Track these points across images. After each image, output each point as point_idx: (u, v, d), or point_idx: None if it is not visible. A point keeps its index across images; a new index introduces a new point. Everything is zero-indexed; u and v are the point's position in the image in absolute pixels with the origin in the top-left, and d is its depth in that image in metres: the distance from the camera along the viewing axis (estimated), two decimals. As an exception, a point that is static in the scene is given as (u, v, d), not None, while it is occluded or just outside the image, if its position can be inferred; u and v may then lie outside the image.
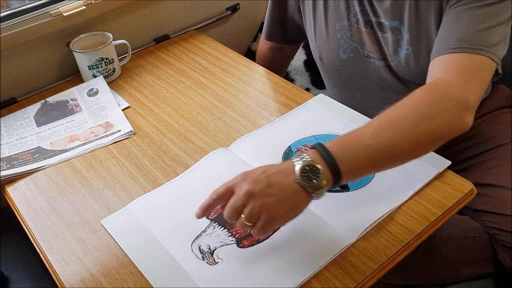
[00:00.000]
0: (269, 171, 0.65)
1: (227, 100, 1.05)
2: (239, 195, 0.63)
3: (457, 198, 0.77)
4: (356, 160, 0.65)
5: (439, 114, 0.69)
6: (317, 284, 0.67)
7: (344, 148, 0.65)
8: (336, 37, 1.00)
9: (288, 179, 0.64)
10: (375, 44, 0.96)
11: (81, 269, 0.73)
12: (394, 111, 0.69)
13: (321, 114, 0.96)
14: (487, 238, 0.93)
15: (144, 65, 1.22)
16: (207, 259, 0.71)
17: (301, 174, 0.63)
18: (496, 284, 0.95)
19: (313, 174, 0.63)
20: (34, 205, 0.85)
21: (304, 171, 0.63)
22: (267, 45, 1.25)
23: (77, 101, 1.10)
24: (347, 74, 1.03)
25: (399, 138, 0.67)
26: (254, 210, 0.62)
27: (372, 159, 0.66)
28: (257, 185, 0.63)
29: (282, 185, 0.63)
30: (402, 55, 0.93)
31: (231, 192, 0.65)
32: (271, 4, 1.15)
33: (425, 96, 0.71)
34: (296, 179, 0.63)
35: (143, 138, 0.98)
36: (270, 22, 1.17)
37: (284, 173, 0.64)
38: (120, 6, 1.21)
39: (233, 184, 0.65)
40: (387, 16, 0.92)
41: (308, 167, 0.63)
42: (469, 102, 0.71)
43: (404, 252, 0.71)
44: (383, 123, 0.68)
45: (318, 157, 0.64)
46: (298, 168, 0.63)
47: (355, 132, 0.67)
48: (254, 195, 0.63)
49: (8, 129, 1.04)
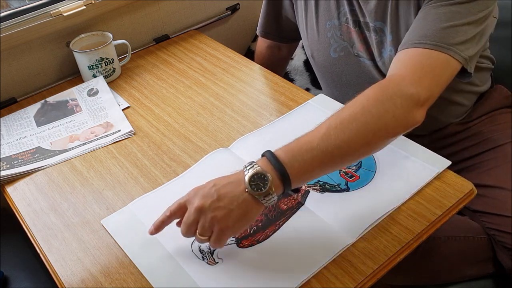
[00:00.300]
0: (219, 183, 0.66)
1: (227, 100, 1.05)
2: (190, 211, 0.66)
3: (457, 198, 0.77)
4: (304, 164, 0.66)
5: (387, 111, 0.69)
6: (317, 284, 0.67)
7: (293, 153, 0.66)
8: (326, 36, 1.01)
9: (238, 190, 0.65)
10: (363, 44, 0.97)
11: (81, 269, 0.73)
12: (344, 111, 0.70)
13: (321, 114, 0.96)
14: (487, 239, 0.93)
15: (144, 65, 1.22)
16: (207, 259, 0.71)
17: (250, 183, 0.64)
18: (496, 284, 0.95)
19: (261, 182, 0.64)
20: (34, 205, 0.85)
21: (253, 179, 0.64)
22: (265, 44, 1.25)
23: (77, 101, 1.10)
24: (338, 73, 1.03)
25: (348, 138, 0.67)
26: (205, 225, 0.65)
27: (321, 162, 0.67)
28: (207, 199, 0.65)
29: (231, 196, 0.65)
30: (386, 55, 0.93)
31: (184, 208, 0.68)
32: (265, 2, 1.15)
33: (376, 94, 0.71)
34: (245, 189, 0.64)
35: (143, 138, 0.98)
36: (265, 20, 1.18)
37: (234, 183, 0.66)
38: (120, 6, 1.21)
39: (185, 200, 0.68)
40: (371, 17, 0.92)
41: (256, 175, 0.64)
42: (420, 98, 0.71)
43: (404, 252, 0.71)
44: (333, 124, 0.68)
45: (266, 164, 0.66)
46: (247, 178, 0.65)
47: (305, 136, 0.68)
48: (204, 210, 0.65)
49: (8, 129, 1.04)
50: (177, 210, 0.68)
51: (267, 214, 0.77)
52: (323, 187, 0.80)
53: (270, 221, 0.76)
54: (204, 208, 0.65)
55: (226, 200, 0.65)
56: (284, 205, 0.78)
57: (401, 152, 0.85)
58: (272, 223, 0.75)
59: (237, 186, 0.65)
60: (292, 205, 0.78)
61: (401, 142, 0.87)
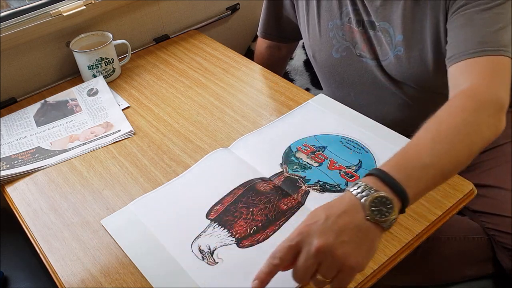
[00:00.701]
0: (332, 214, 0.57)
1: (227, 100, 1.05)
2: (309, 253, 0.56)
3: (457, 198, 0.77)
4: (419, 182, 0.60)
5: (483, 120, 0.68)
6: (317, 284, 0.67)
7: (406, 171, 0.60)
8: (328, 36, 1.01)
9: (357, 218, 0.57)
10: (366, 43, 0.97)
11: (81, 269, 0.73)
12: (441, 123, 0.67)
13: (321, 114, 0.97)
14: (487, 239, 0.93)
15: (144, 65, 1.22)
16: (207, 259, 0.71)
17: (371, 210, 0.57)
18: (495, 284, 0.96)
19: (384, 207, 0.57)
20: (34, 205, 0.85)
21: (374, 204, 0.57)
22: (264, 44, 1.25)
23: (77, 101, 1.10)
24: (340, 73, 1.03)
25: (456, 152, 0.64)
26: (332, 266, 0.55)
27: (434, 178, 0.62)
28: (328, 236, 0.55)
29: (353, 228, 0.56)
30: (393, 55, 0.93)
31: (296, 251, 0.57)
32: (266, 2, 1.15)
33: (467, 103, 0.70)
34: (366, 216, 0.57)
35: (143, 138, 0.98)
36: (266, 20, 1.18)
37: (350, 212, 0.57)
38: (120, 6, 1.21)
39: (297, 242, 0.57)
40: (377, 16, 0.92)
41: (377, 200, 0.57)
42: (505, 104, 0.71)
43: (404, 252, 0.71)
44: (436, 137, 0.65)
45: (381, 185, 0.59)
46: (368, 203, 0.57)
47: (408, 151, 0.64)
48: (328, 249, 0.55)
49: (8, 129, 1.04)
50: (288, 255, 0.58)
51: (267, 214, 0.77)
52: (323, 187, 0.80)
53: (270, 221, 0.76)
54: (328, 247, 0.55)
55: (348, 232, 0.56)
56: (284, 205, 0.78)
57: (401, 152, 0.85)
58: (272, 223, 0.75)
59: (355, 215, 0.57)
60: (292, 205, 0.78)
61: (401, 142, 0.87)
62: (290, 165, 0.85)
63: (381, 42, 0.94)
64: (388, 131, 0.90)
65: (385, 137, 0.89)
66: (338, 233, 0.55)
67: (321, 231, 0.56)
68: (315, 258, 0.55)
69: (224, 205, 0.79)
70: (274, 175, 0.83)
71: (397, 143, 0.87)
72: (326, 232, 0.56)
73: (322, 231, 0.56)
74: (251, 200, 0.79)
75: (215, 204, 0.79)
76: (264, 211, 0.77)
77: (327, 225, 0.56)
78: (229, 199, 0.80)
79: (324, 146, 0.88)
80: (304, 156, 0.87)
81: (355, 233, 0.56)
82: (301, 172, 0.83)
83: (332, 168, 0.84)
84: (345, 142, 0.89)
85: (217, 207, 0.79)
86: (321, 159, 0.86)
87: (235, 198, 0.80)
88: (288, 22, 1.15)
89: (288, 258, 0.57)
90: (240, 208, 0.78)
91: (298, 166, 0.85)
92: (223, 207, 0.79)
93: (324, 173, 0.83)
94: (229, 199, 0.80)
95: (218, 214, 0.78)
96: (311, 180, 0.82)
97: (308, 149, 0.88)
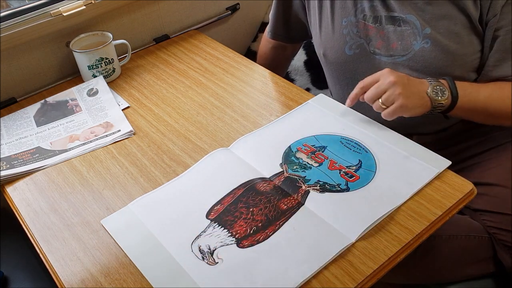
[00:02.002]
0: (410, 77, 0.87)
1: (227, 100, 1.05)
2: (384, 82, 0.84)
3: (457, 198, 0.77)
4: (469, 102, 0.88)
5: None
6: (317, 284, 0.67)
7: (465, 91, 0.88)
8: (342, 33, 1.00)
9: (423, 87, 0.86)
10: (383, 40, 0.96)
11: (81, 269, 0.73)
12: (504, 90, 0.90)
13: (321, 114, 0.96)
14: (487, 238, 0.93)
15: (144, 65, 1.22)
16: (207, 259, 0.71)
17: (433, 89, 0.86)
18: (496, 283, 0.95)
19: (441, 93, 0.86)
20: (34, 205, 0.85)
21: (435, 88, 0.86)
22: (269, 44, 1.25)
23: (77, 101, 1.10)
24: (351, 70, 1.03)
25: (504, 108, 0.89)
26: (391, 96, 0.83)
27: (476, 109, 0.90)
28: (400, 79, 0.84)
29: (417, 87, 0.86)
30: (418, 48, 0.93)
31: (375, 81, 0.86)
32: (276, 3, 1.15)
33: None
34: (427, 91, 0.86)
35: (143, 138, 0.98)
36: (275, 21, 1.18)
37: (421, 83, 0.87)
38: (120, 6, 1.21)
39: (379, 75, 0.86)
40: (402, 9, 0.92)
41: (439, 86, 0.87)
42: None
43: (404, 252, 0.71)
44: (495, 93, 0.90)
45: (447, 85, 0.88)
46: (433, 83, 0.87)
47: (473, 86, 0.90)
48: (396, 84, 0.83)
49: (8, 129, 1.04)
50: (370, 83, 0.86)
51: (267, 214, 0.77)
52: (323, 187, 0.80)
53: (270, 221, 0.76)
54: (396, 84, 0.83)
55: (414, 88, 0.85)
56: (284, 205, 0.78)
57: (401, 152, 0.85)
58: (272, 223, 0.75)
59: (423, 85, 0.87)
60: (292, 205, 0.78)
61: (401, 142, 0.87)
62: (290, 165, 0.85)
63: (402, 36, 0.94)
64: (388, 131, 0.90)
65: (385, 137, 0.89)
66: (407, 84, 0.85)
67: (398, 75, 0.85)
68: (385, 86, 0.84)
69: (224, 205, 0.79)
70: (274, 175, 0.83)
71: (397, 143, 0.87)
72: (401, 77, 0.85)
73: (399, 75, 0.85)
74: (251, 200, 0.79)
75: (215, 204, 0.79)
76: (264, 211, 0.77)
77: (403, 76, 0.86)
78: (229, 199, 0.80)
79: (324, 146, 0.88)
80: (304, 156, 0.87)
81: (415, 92, 0.85)
82: (301, 172, 0.83)
83: (332, 168, 0.84)
84: (345, 142, 0.89)
85: (217, 207, 0.79)
86: (321, 159, 0.86)
87: (235, 198, 0.80)
88: (297, 22, 1.15)
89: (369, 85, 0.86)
90: (240, 208, 0.78)
91: (298, 166, 0.85)
92: (223, 207, 0.79)
93: (324, 173, 0.83)
94: (229, 199, 0.80)
95: (218, 214, 0.78)
96: (311, 180, 0.82)
97: (308, 149, 0.88)
